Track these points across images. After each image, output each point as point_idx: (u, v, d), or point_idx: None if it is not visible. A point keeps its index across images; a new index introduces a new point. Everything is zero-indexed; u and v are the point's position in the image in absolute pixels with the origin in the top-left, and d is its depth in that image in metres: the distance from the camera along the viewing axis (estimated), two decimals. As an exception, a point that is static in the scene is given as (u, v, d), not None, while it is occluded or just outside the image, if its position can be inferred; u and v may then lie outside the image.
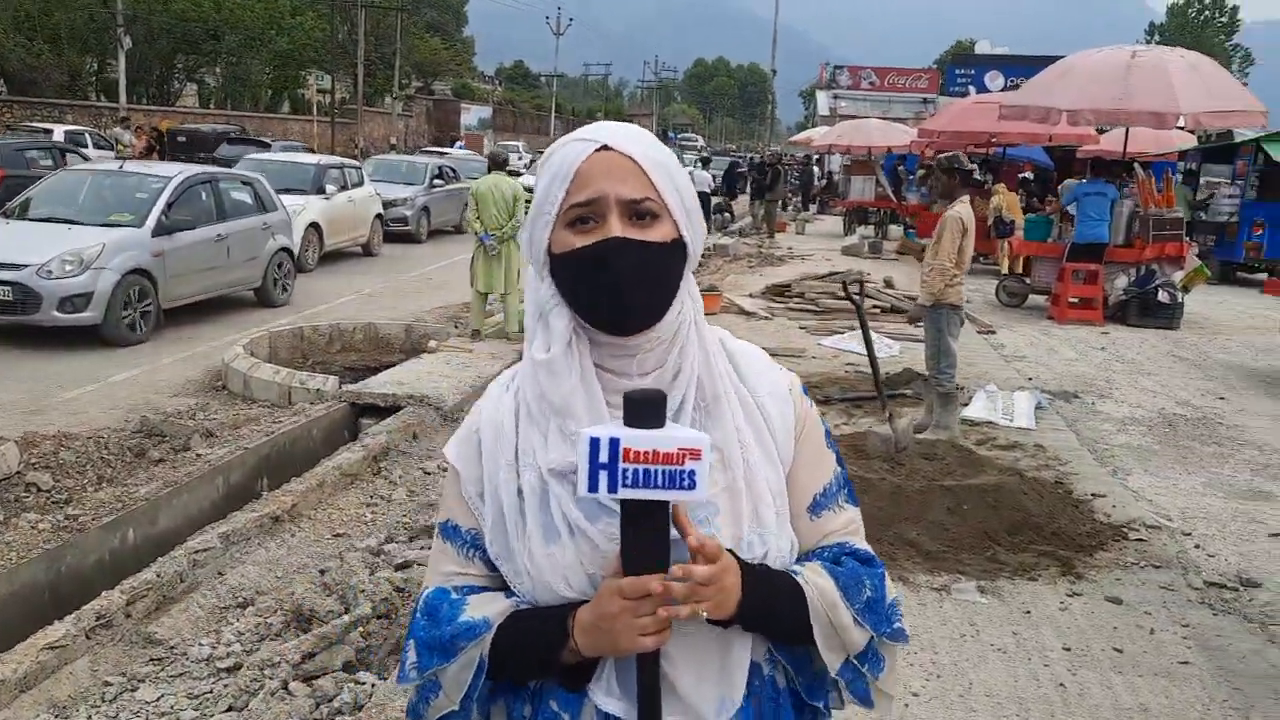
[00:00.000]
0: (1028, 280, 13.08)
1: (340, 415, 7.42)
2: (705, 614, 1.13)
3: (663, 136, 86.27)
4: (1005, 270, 13.96)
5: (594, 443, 1.08)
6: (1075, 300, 11.90)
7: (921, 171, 24.15)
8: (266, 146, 24.35)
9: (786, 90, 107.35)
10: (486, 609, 1.23)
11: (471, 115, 53.93)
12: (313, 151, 26.96)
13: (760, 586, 1.18)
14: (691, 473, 1.08)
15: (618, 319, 1.19)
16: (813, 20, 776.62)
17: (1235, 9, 76.39)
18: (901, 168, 24.03)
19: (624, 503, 1.11)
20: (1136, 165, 12.78)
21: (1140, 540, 5.07)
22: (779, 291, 12.66)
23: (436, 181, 19.14)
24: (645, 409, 1.10)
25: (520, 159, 31.81)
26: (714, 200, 23.54)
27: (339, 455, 6.41)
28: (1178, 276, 12.22)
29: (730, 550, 1.18)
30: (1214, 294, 14.66)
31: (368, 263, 15.53)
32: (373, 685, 3.69)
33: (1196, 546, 5.13)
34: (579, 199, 1.19)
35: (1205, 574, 4.76)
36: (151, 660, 4.05)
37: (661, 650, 1.15)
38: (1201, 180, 18.32)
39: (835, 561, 1.29)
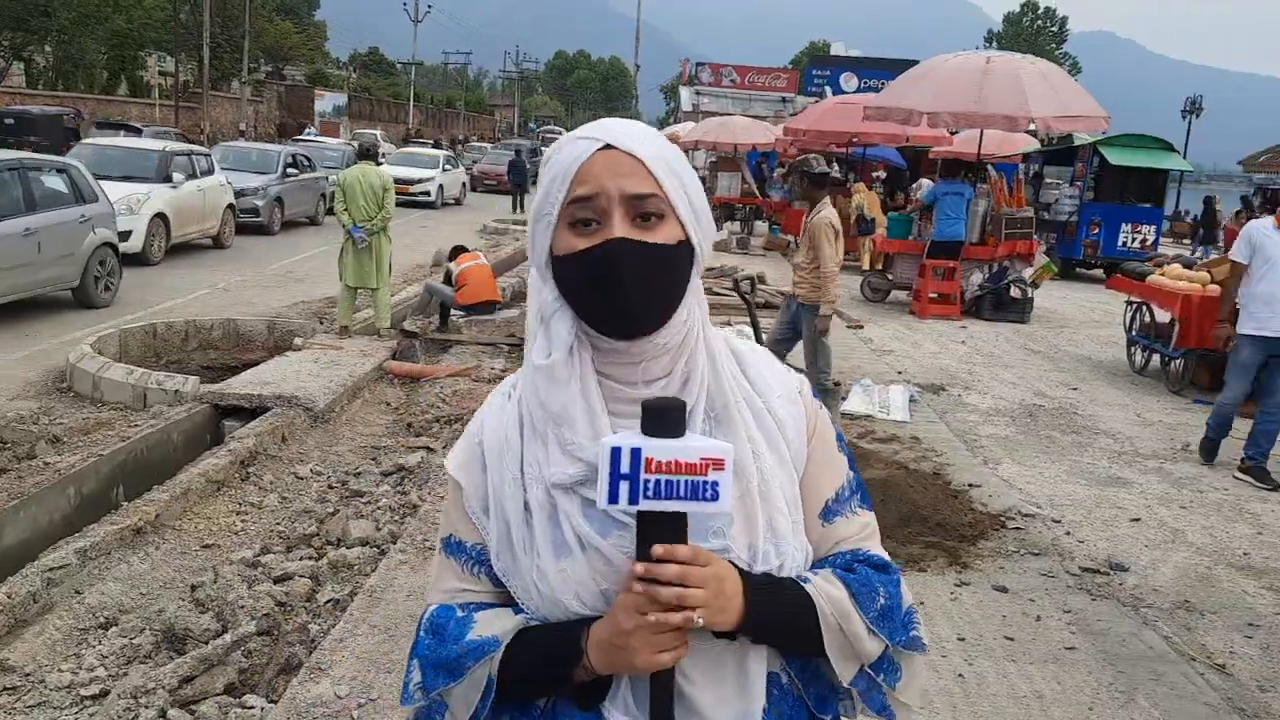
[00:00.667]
0: (890, 276, 13.51)
1: (202, 418, 6.99)
2: (700, 620, 1.07)
3: (524, 128, 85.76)
4: (867, 267, 14.39)
5: (615, 452, 1.04)
6: (935, 296, 12.38)
7: (782, 170, 24.74)
8: (138, 132, 22.94)
9: (648, 85, 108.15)
10: (494, 626, 1.18)
11: (326, 102, 52.09)
12: (187, 139, 25.50)
13: (766, 596, 1.14)
14: (714, 483, 1.05)
15: (620, 322, 1.14)
16: (672, 18, 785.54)
17: (1065, 19, 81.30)
18: (765, 165, 24.51)
19: (641, 515, 1.07)
20: (989, 166, 13.38)
21: (1018, 529, 5.27)
22: (653, 286, 12.68)
23: (290, 170, 18.34)
24: (665, 417, 1.06)
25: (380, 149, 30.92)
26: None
27: (203, 461, 6.02)
28: (1028, 273, 12.88)
29: (733, 563, 1.14)
30: (1058, 289, 15.51)
31: (219, 256, 14.74)
32: (261, 709, 3.46)
33: (1067, 534, 5.37)
34: (579, 194, 1.13)
35: (1079, 560, 4.98)
36: (5, 689, 3.69)
37: (677, 667, 1.11)
38: (1044, 181, 19.36)
39: (848, 569, 1.24)
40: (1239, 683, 3.87)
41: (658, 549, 1.07)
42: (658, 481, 1.04)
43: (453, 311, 10.11)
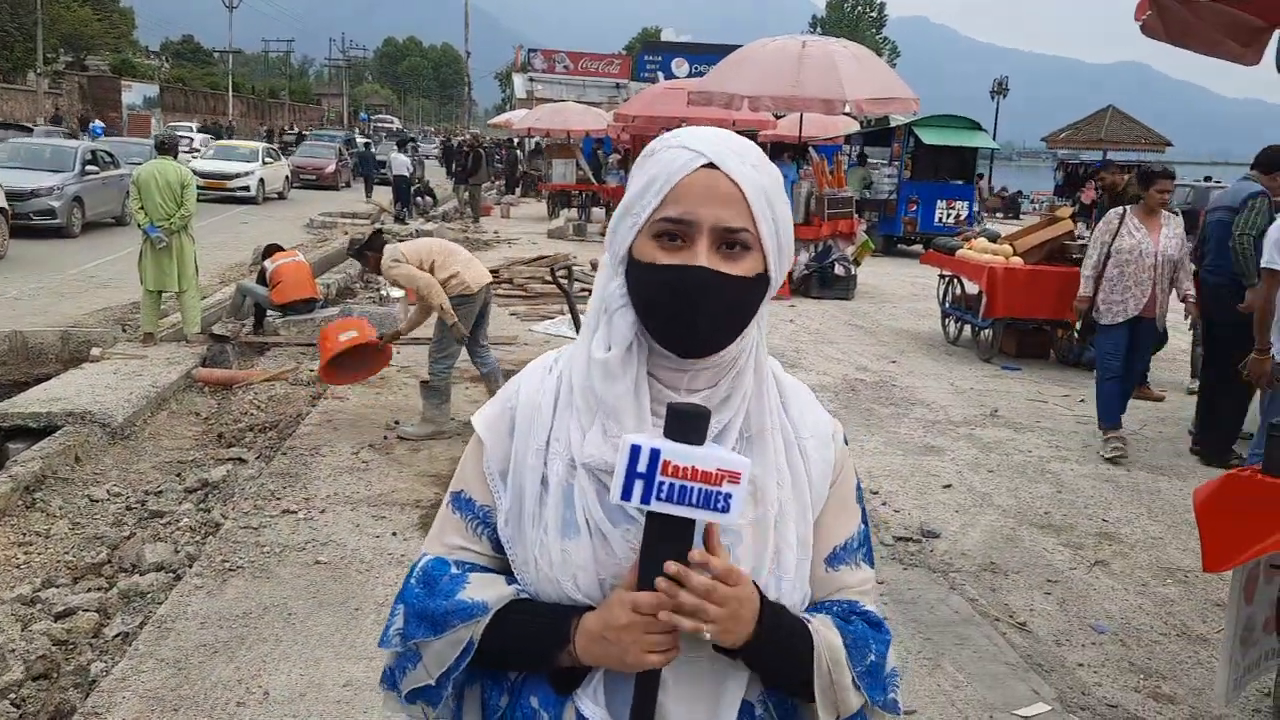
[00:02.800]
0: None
1: (-20, 442, 6.38)
2: (709, 635, 1.08)
3: (355, 118, 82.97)
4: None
5: (635, 450, 1.05)
6: (765, 276, 12.61)
7: (617, 156, 24.78)
8: (28, 131, 20.87)
9: (482, 73, 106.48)
10: (486, 592, 1.19)
11: (135, 93, 48.79)
12: (74, 135, 23.36)
13: (774, 624, 1.15)
14: (728, 496, 1.06)
15: (684, 345, 1.14)
16: (502, 4, 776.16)
17: (883, 5, 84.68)
18: (600, 151, 24.48)
19: (650, 515, 1.08)
20: (810, 149, 13.72)
21: (837, 503, 5.38)
22: (484, 278, 12.44)
23: (90, 168, 17.05)
24: (688, 423, 1.07)
25: (190, 143, 28.84)
26: (415, 185, 22.88)
27: (-21, 490, 5.47)
28: (850, 251, 13.30)
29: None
30: (880, 266, 16.12)
31: (3, 264, 13.55)
32: (29, 765, 3.14)
33: (884, 504, 5.53)
34: (671, 214, 1.12)
35: (894, 530, 5.13)
36: None
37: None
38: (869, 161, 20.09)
39: (845, 619, 1.24)
40: (1037, 639, 4.05)
41: (695, 554, 1.07)
42: (672, 485, 1.05)
43: (268, 312, 9.62)
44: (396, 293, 9.97)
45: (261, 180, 24.38)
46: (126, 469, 6.26)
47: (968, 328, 10.18)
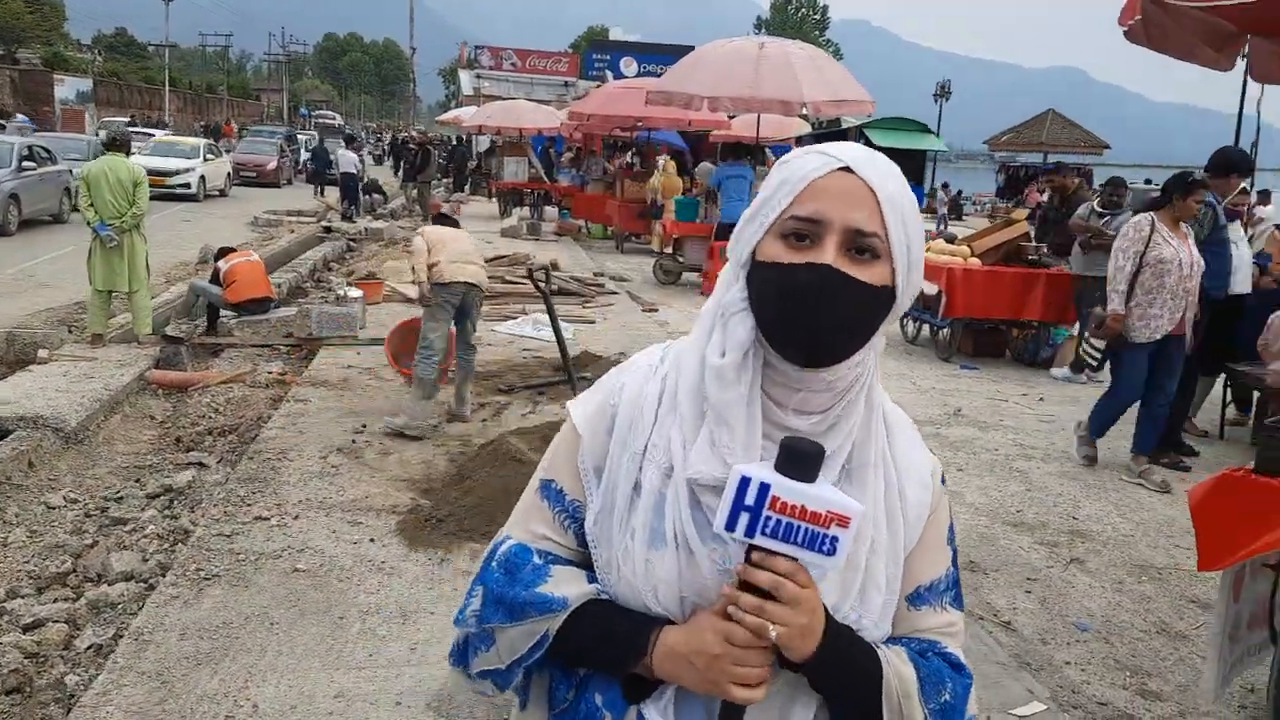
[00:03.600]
0: (680, 259, 13.70)
1: (-73, 447, 6.11)
2: (774, 634, 1.04)
3: (295, 113, 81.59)
4: (658, 249, 14.55)
5: (744, 482, 1.03)
6: (724, 276, 12.65)
7: (570, 154, 24.68)
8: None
9: (425, 69, 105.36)
10: (568, 588, 1.17)
11: (67, 88, 47.38)
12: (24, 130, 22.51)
13: (842, 642, 1.12)
14: (834, 539, 1.03)
15: (800, 348, 1.10)
16: (446, 0, 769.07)
17: (826, 7, 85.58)
18: (552, 150, 24.36)
19: (751, 548, 1.05)
20: (766, 149, 13.79)
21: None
22: (442, 277, 12.27)
23: (27, 164, 16.53)
24: (801, 460, 1.04)
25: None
26: (363, 182, 22.53)
27: (-70, 498, 5.26)
28: (807, 251, 13.36)
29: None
30: (834, 266, 16.24)
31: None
32: (7, 787, 3.01)
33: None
34: (802, 212, 1.10)
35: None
36: None
37: None
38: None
39: (921, 654, 1.20)
40: (1024, 638, 4.09)
41: (756, 555, 1.05)
42: (778, 521, 1.03)
43: (222, 312, 9.39)
44: (354, 292, 9.80)
45: (203, 177, 23.85)
46: (82, 474, 6.06)
47: (926, 327, 10.30)
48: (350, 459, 5.86)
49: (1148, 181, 29.34)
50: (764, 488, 1.02)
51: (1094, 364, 6.39)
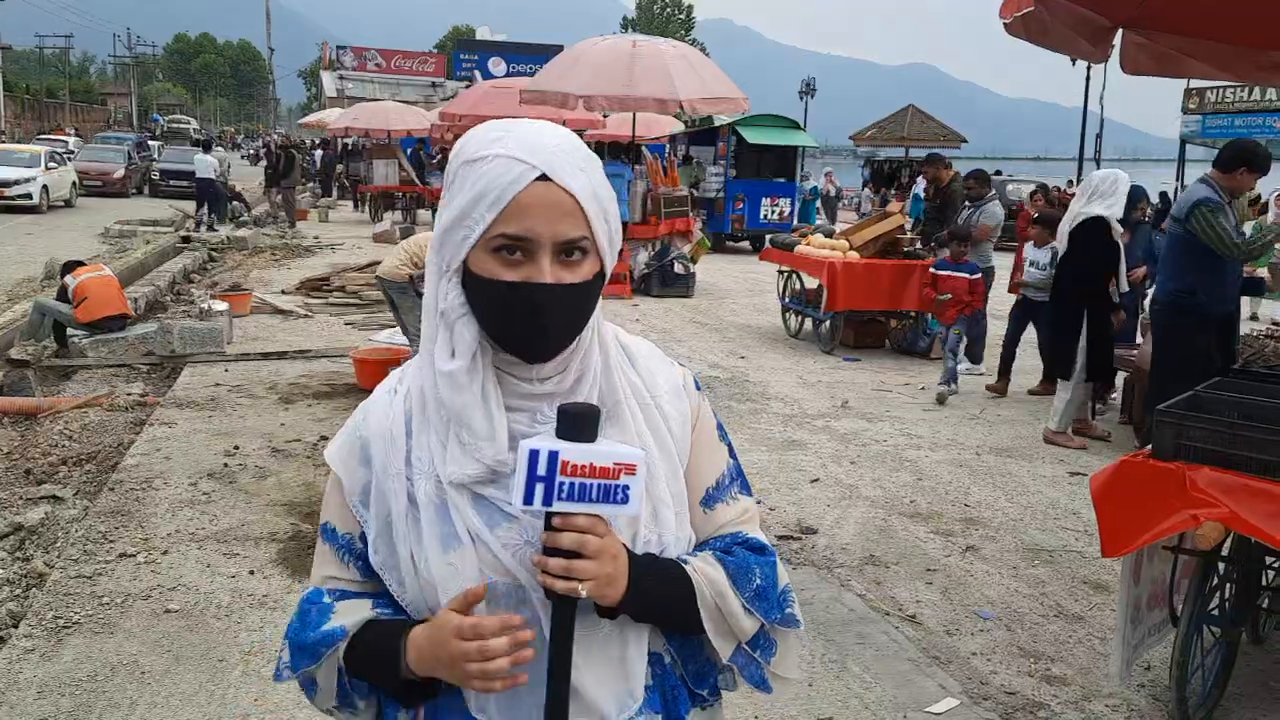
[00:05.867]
0: (560, 259, 13.52)
1: None
2: (584, 593, 1.09)
3: (147, 118, 77.60)
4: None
5: (533, 455, 1.07)
6: (606, 276, 12.54)
7: (440, 156, 24.16)
8: None
9: (285, 70, 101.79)
10: (348, 617, 1.22)
11: (-114, 93, 43.95)
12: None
13: (647, 574, 1.17)
14: (626, 488, 1.09)
15: (532, 353, 1.16)
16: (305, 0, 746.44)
17: (690, 7, 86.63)
18: (422, 151, 23.82)
19: (549, 516, 1.10)
20: (644, 148, 13.75)
21: (715, 506, 5.32)
22: (315, 286, 11.80)
23: None
24: (580, 422, 1.09)
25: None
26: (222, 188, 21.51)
27: None
28: (687, 249, 13.41)
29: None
30: (713, 263, 16.34)
31: None
32: None
33: (759, 502, 5.50)
34: (510, 231, 1.12)
35: (774, 528, 5.12)
36: None
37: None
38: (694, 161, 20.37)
39: (727, 551, 1.28)
40: (929, 630, 4.10)
41: (556, 519, 1.09)
42: (572, 484, 1.07)
43: (71, 332, 8.74)
44: (219, 305, 9.28)
45: (45, 187, 22.40)
46: (-83, 517, 5.50)
47: (808, 321, 10.42)
48: (223, 484, 5.49)
49: (997, 173, 30.68)
50: (553, 455, 1.06)
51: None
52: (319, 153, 32.45)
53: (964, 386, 8.29)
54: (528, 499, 1.07)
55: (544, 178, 1.11)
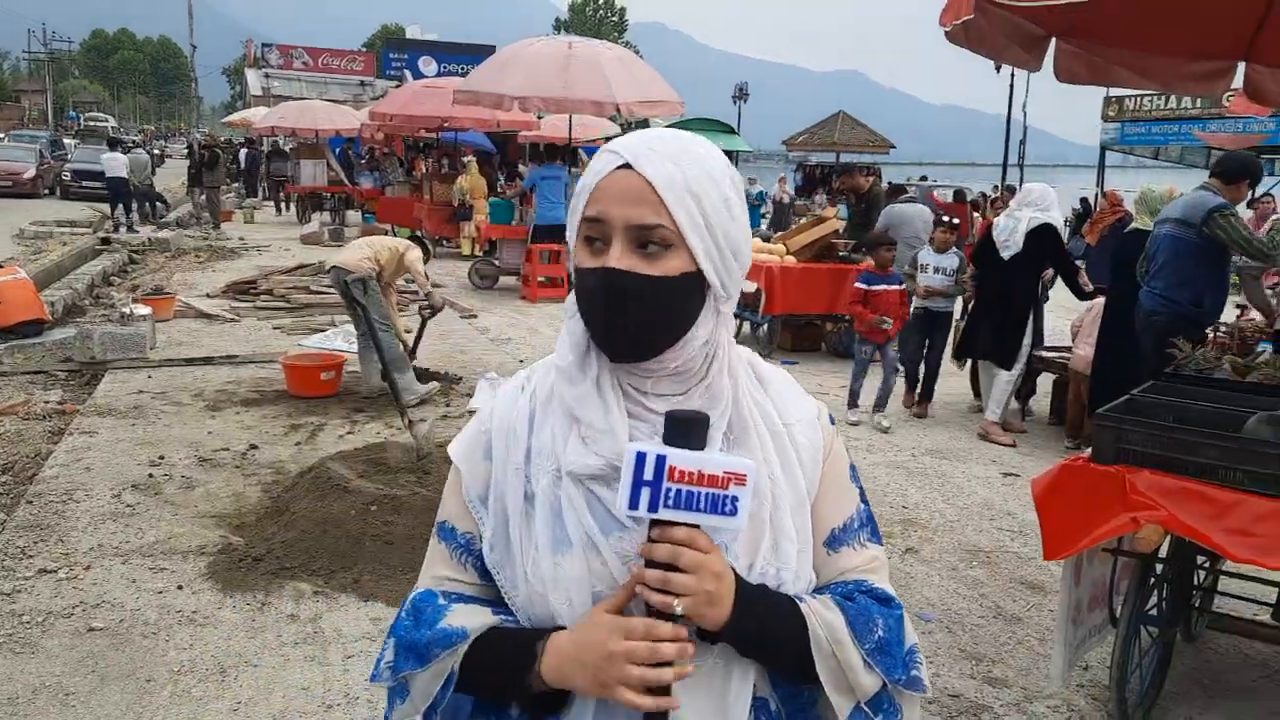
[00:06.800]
0: (496, 262, 13.40)
1: None
2: (679, 608, 1.03)
3: (64, 116, 75.08)
4: (470, 253, 14.19)
5: (640, 458, 1.02)
6: (544, 279, 12.45)
7: (369, 156, 23.77)
8: None
9: (208, 68, 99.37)
10: (468, 619, 1.16)
11: None
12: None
13: (756, 603, 1.11)
14: (734, 499, 1.04)
15: (613, 350, 1.13)
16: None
17: (623, 10, 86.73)
18: (351, 151, 23.44)
19: (653, 524, 1.05)
20: (580, 150, 13.69)
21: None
22: (242, 289, 11.49)
23: None
24: (689, 428, 1.05)
25: None
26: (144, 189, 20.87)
27: None
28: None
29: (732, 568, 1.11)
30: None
31: None
32: None
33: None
34: (590, 214, 1.12)
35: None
36: None
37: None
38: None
39: (848, 597, 1.19)
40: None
41: (656, 530, 1.05)
42: (679, 491, 1.03)
43: (-15, 338, 8.36)
44: (142, 309, 8.98)
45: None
46: None
47: (746, 324, 10.46)
48: (148, 496, 5.29)
49: (923, 179, 31.29)
50: (660, 460, 1.02)
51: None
52: (244, 152, 31.70)
53: (897, 389, 8.39)
54: (633, 504, 1.03)
55: (626, 166, 1.10)
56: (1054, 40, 4.27)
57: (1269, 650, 4.03)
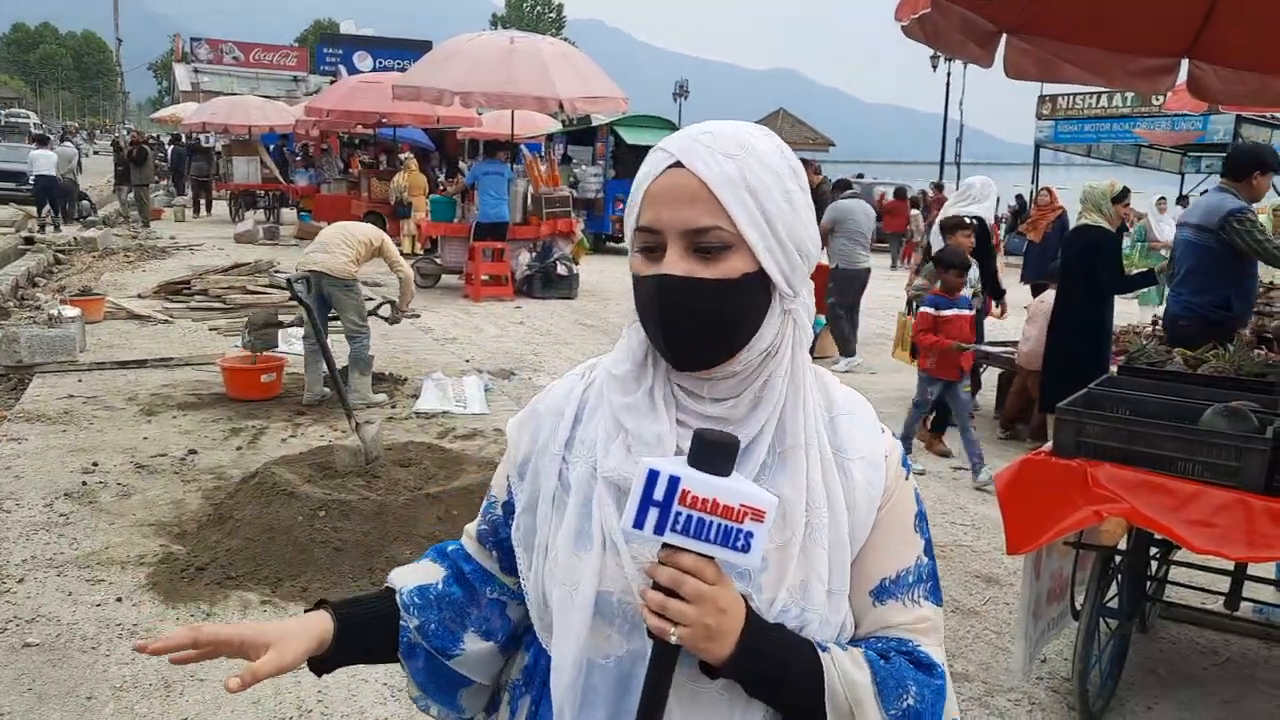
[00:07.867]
0: (438, 261, 13.22)
1: None
2: (675, 638, 0.97)
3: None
4: (409, 251, 13.98)
5: (652, 476, 0.96)
6: (487, 278, 12.31)
7: (304, 153, 23.30)
8: None
9: (135, 63, 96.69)
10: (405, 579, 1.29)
11: None
12: None
13: (768, 644, 1.02)
14: (749, 534, 0.96)
15: (677, 358, 1.08)
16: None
17: (561, 6, 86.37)
18: (285, 148, 22.97)
19: (664, 548, 0.99)
20: (523, 147, 13.56)
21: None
22: (175, 289, 11.16)
23: None
24: (714, 452, 0.97)
25: None
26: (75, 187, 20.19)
27: None
28: (569, 250, 13.29)
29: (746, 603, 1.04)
30: (595, 264, 16.26)
31: None
32: None
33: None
34: (643, 223, 1.07)
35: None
36: None
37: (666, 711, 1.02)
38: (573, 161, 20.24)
39: (883, 656, 1.08)
40: (835, 630, 4.10)
41: (664, 553, 0.99)
42: (689, 517, 0.96)
43: (-96, 341, 8.00)
44: (70, 311, 8.66)
45: None
46: None
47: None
48: (83, 504, 5.09)
49: (859, 176, 31.69)
50: (673, 481, 0.95)
51: None
52: (171, 148, 30.87)
53: (849, 380, 8.41)
54: (638, 523, 0.96)
55: (678, 164, 1.05)
56: (1004, 36, 4.30)
57: (1219, 638, 4.10)
